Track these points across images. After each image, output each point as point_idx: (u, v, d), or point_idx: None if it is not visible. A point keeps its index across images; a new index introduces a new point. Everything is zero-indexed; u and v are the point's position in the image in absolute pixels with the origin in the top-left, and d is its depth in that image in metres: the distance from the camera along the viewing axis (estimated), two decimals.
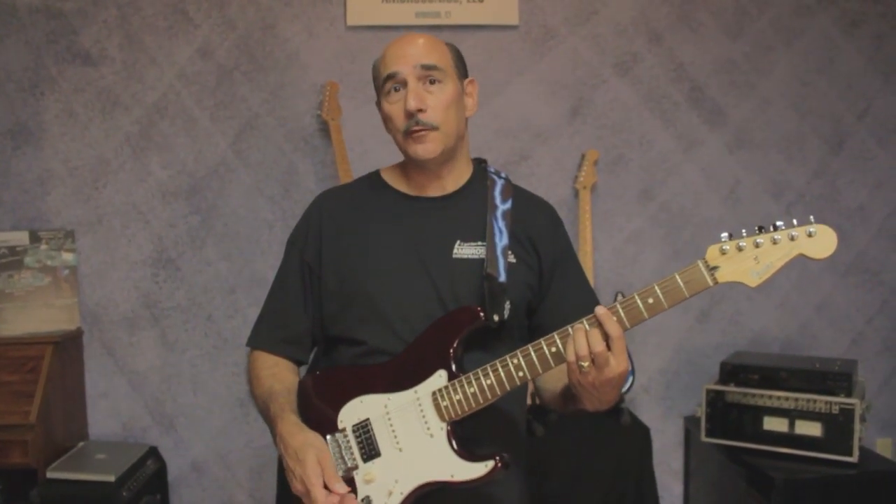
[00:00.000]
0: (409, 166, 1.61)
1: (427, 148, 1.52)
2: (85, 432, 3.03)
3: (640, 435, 2.86)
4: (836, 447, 2.62)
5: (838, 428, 2.62)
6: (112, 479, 2.60)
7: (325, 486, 1.39)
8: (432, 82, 1.51)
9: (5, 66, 2.99)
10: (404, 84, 1.51)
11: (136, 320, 3.08)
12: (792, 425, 2.70)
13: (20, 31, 2.98)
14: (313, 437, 1.45)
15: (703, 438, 2.86)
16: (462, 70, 1.59)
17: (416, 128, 1.50)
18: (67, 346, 2.89)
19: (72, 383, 2.92)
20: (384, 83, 1.54)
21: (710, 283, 1.33)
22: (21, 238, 2.93)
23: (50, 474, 2.62)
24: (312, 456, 1.40)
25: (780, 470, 2.59)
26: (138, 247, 3.07)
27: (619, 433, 2.84)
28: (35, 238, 2.94)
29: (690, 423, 3.16)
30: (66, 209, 3.03)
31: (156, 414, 3.10)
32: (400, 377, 1.47)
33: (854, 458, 2.60)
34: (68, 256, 2.98)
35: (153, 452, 2.95)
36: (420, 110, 1.49)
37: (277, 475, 2.86)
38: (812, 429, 2.66)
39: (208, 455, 3.13)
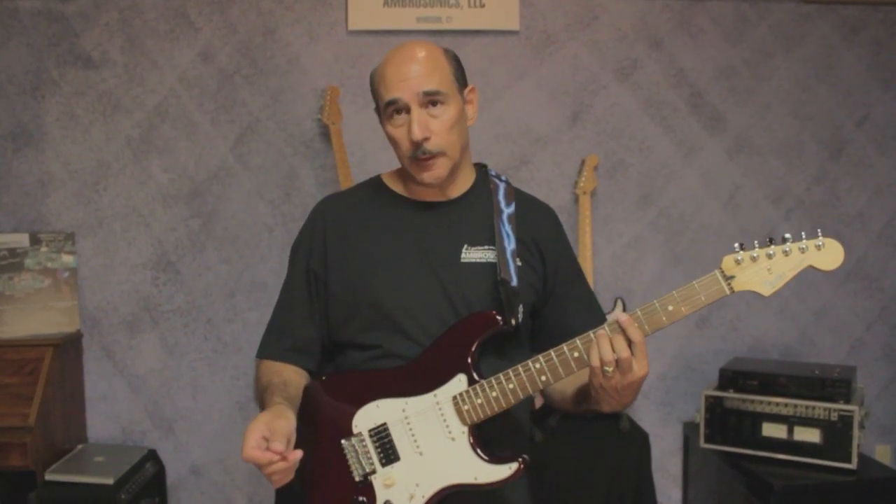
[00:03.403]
0: (410, 176, 1.61)
1: (434, 174, 1.53)
2: (84, 435, 3.03)
3: (639, 440, 2.86)
4: (835, 454, 2.62)
5: (837, 434, 2.62)
6: (111, 481, 2.60)
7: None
8: (434, 104, 1.51)
9: (7, 69, 2.99)
10: (407, 109, 1.50)
11: (136, 323, 3.08)
12: (791, 432, 2.70)
13: (22, 33, 2.99)
14: (280, 408, 1.43)
15: (702, 444, 2.86)
16: (462, 81, 1.59)
17: (424, 156, 1.51)
18: (67, 349, 2.89)
19: (71, 386, 2.92)
20: (386, 106, 1.53)
21: (727, 291, 1.40)
22: (21, 240, 2.93)
23: (49, 477, 2.62)
24: (263, 417, 1.39)
25: (778, 476, 2.59)
26: (138, 250, 3.07)
27: (618, 439, 2.84)
28: (35, 240, 2.94)
29: (689, 429, 3.16)
30: (66, 212, 3.04)
31: (155, 417, 3.10)
32: (417, 381, 1.49)
33: (853, 465, 2.60)
34: (68, 259, 2.98)
35: (152, 455, 2.95)
36: (426, 138, 1.49)
37: None
38: (811, 435, 2.67)
39: (207, 458, 3.13)
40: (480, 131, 3.06)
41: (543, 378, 1.42)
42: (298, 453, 1.35)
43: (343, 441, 1.50)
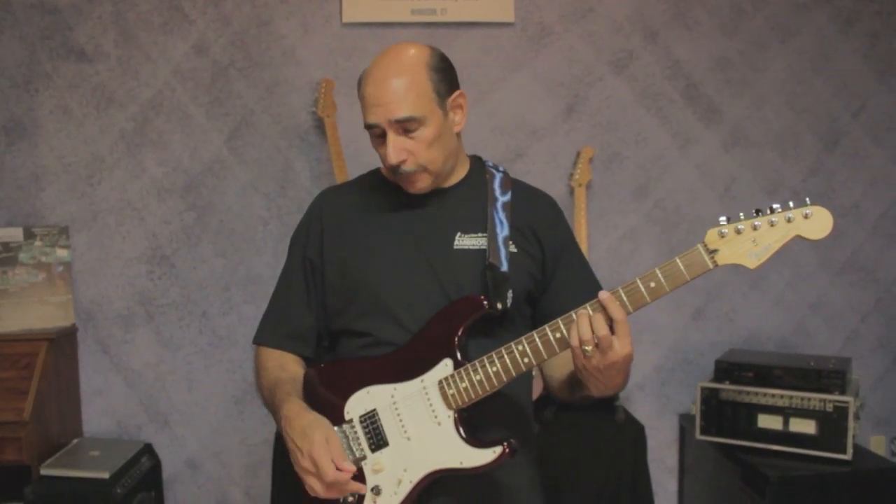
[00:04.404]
0: None
1: (417, 187, 1.56)
2: (79, 429, 3.02)
3: (635, 432, 2.86)
4: (830, 445, 2.63)
5: (832, 425, 2.63)
6: (106, 475, 2.59)
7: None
8: (410, 129, 1.50)
9: None
10: (383, 133, 1.52)
11: (131, 317, 3.07)
12: (786, 423, 2.70)
13: (14, 26, 2.97)
14: (321, 417, 1.48)
15: (698, 436, 2.86)
16: (445, 91, 1.55)
17: (402, 175, 1.53)
18: (62, 343, 2.88)
19: (66, 380, 2.92)
20: (366, 126, 1.55)
21: (711, 265, 1.36)
22: (15, 234, 2.92)
23: (44, 471, 2.62)
24: (321, 433, 1.43)
25: (774, 467, 2.60)
26: (133, 243, 3.06)
27: (614, 430, 2.84)
28: (29, 234, 2.93)
29: (685, 421, 3.16)
30: (60, 205, 3.03)
31: (150, 411, 3.10)
32: (405, 367, 1.50)
33: (848, 456, 2.61)
34: (63, 253, 2.98)
35: (148, 449, 2.95)
36: (402, 161, 1.51)
37: (272, 472, 2.86)
38: (806, 426, 2.67)
39: (203, 452, 3.12)
40: (475, 124, 3.05)
41: (526, 360, 1.42)
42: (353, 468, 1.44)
43: (336, 428, 1.50)
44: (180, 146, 3.06)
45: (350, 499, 1.47)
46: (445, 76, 1.56)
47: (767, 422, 2.73)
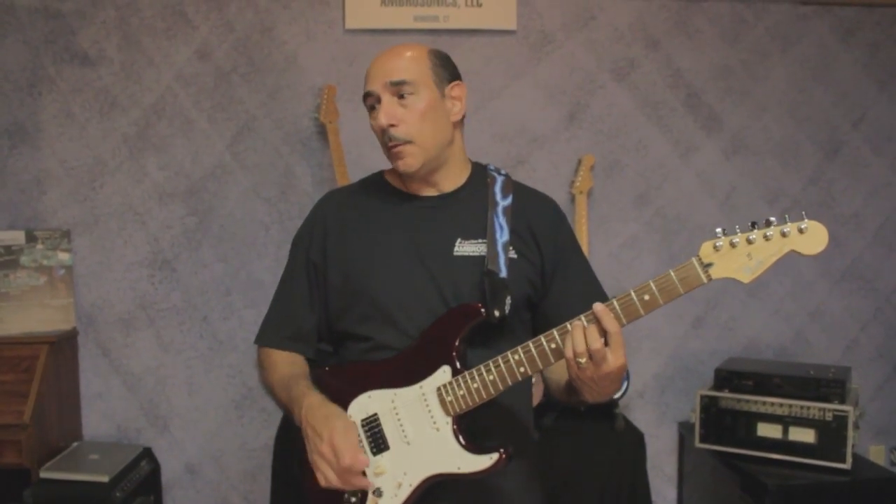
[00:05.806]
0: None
1: (406, 162, 1.57)
2: (79, 433, 3.02)
3: (635, 440, 2.86)
4: (830, 454, 2.63)
5: (832, 434, 2.63)
6: (106, 479, 2.60)
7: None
8: (402, 96, 1.55)
9: (3, 66, 2.99)
10: (379, 101, 1.55)
11: (132, 321, 3.08)
12: (785, 432, 2.70)
13: (18, 30, 2.98)
14: (343, 411, 1.50)
15: (697, 444, 2.86)
16: (444, 76, 1.60)
17: (392, 143, 1.55)
18: (62, 347, 2.89)
19: (66, 383, 2.92)
20: (365, 100, 1.59)
21: (704, 279, 1.36)
22: (17, 238, 2.93)
23: (43, 474, 2.62)
24: (343, 422, 1.45)
25: (773, 476, 2.60)
26: (134, 248, 3.07)
27: (614, 438, 2.84)
28: (31, 238, 2.94)
29: (684, 429, 3.16)
30: (62, 209, 3.03)
31: (150, 415, 3.10)
32: (405, 373, 1.51)
33: (847, 465, 2.61)
34: (64, 256, 2.98)
35: (147, 453, 2.95)
36: (392, 125, 1.54)
37: (271, 477, 2.86)
38: (805, 435, 2.67)
39: (202, 457, 3.12)
40: (477, 131, 3.06)
41: (522, 369, 1.43)
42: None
43: None
44: (182, 151, 3.07)
45: (353, 499, 1.48)
46: (445, 64, 1.62)
47: (767, 430, 2.74)
